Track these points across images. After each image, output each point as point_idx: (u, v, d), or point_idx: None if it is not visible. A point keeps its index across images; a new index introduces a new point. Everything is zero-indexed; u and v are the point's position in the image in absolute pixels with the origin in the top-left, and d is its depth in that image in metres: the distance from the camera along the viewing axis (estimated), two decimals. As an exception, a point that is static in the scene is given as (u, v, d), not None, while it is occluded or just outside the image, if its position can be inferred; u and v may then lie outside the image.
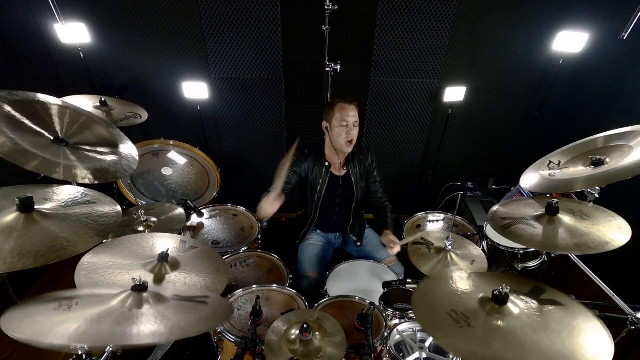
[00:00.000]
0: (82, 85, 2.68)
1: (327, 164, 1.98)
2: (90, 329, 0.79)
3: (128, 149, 1.53)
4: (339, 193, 2.06)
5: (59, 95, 1.81)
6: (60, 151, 1.32)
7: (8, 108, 1.29)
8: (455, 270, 1.40)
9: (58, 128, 1.42)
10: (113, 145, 1.51)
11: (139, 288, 0.95)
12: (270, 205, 1.77)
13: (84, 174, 1.26)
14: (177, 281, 1.24)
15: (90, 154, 1.40)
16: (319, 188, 2.01)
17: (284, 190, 1.86)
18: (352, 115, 1.83)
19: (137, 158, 1.52)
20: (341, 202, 2.10)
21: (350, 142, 1.87)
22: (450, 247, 1.62)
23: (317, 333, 1.27)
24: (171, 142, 2.46)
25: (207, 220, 2.18)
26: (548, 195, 1.75)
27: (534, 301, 1.08)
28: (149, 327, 0.84)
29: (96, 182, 1.27)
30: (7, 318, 0.81)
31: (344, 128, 1.84)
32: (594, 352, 0.89)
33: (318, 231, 2.21)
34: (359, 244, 2.16)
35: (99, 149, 1.45)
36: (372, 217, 2.20)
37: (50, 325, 0.79)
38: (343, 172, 2.04)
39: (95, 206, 1.21)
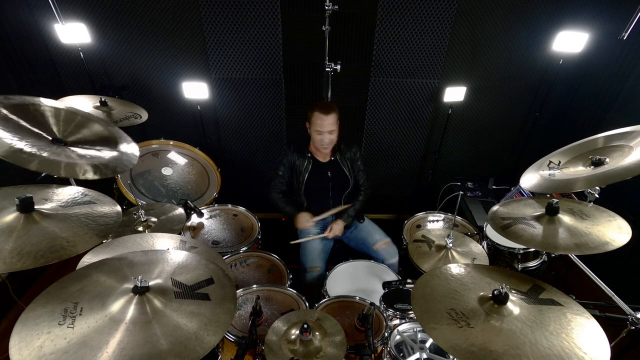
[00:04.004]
0: (82, 85, 2.68)
1: (309, 154, 2.10)
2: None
3: (127, 144, 1.54)
4: (330, 177, 2.13)
5: (59, 95, 1.82)
6: (60, 150, 1.33)
7: (4, 111, 1.30)
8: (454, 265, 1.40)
9: (55, 128, 1.42)
10: (112, 142, 1.51)
11: (140, 290, 0.95)
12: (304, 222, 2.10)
13: (84, 170, 1.26)
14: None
15: (90, 151, 1.41)
16: (301, 177, 2.11)
17: (281, 187, 2.16)
18: (326, 124, 1.94)
19: (137, 153, 1.52)
20: (334, 187, 2.16)
21: (326, 146, 2.01)
22: (451, 245, 1.62)
23: (317, 333, 1.27)
24: (171, 142, 2.46)
25: (207, 220, 2.18)
26: (548, 195, 1.75)
27: (532, 300, 1.08)
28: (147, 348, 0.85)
29: (97, 177, 1.28)
30: (16, 334, 0.83)
31: (319, 136, 1.98)
32: (592, 354, 0.90)
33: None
34: (362, 220, 2.25)
35: (98, 147, 1.45)
36: (377, 216, 2.21)
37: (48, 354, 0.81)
38: (330, 158, 2.12)
39: (95, 206, 1.21)
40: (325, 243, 2.17)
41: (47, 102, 1.47)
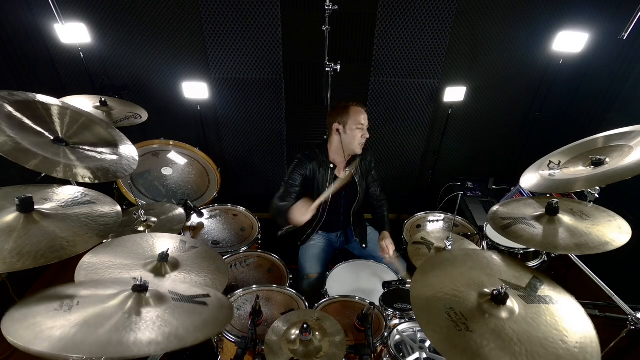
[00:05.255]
0: (82, 85, 2.68)
1: (332, 165, 2.00)
2: (87, 336, 0.78)
3: (128, 149, 1.54)
4: (344, 194, 2.06)
5: (59, 95, 1.82)
6: (60, 151, 1.32)
7: (9, 108, 1.29)
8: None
9: (58, 128, 1.42)
10: (113, 146, 1.51)
11: (140, 288, 0.95)
12: (303, 212, 1.74)
13: (83, 173, 1.26)
14: (177, 280, 1.24)
15: (90, 153, 1.41)
16: (322, 189, 1.99)
17: (290, 196, 1.95)
18: (365, 118, 1.93)
19: (137, 158, 1.52)
20: (345, 203, 2.11)
21: (363, 144, 1.95)
22: (450, 247, 1.62)
23: (317, 333, 1.27)
24: (171, 142, 2.46)
25: (207, 220, 2.18)
26: (548, 195, 1.75)
27: (531, 299, 1.08)
28: (146, 334, 0.83)
29: (96, 182, 1.27)
30: (9, 319, 0.81)
31: (359, 130, 1.91)
32: (591, 353, 0.90)
33: (320, 232, 2.21)
34: (364, 245, 2.15)
35: (99, 149, 1.45)
36: (370, 217, 2.20)
37: (47, 329, 0.78)
38: (346, 173, 2.04)
39: (95, 206, 1.21)
40: (326, 249, 2.16)
41: (54, 101, 1.47)
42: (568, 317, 1.01)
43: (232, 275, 1.83)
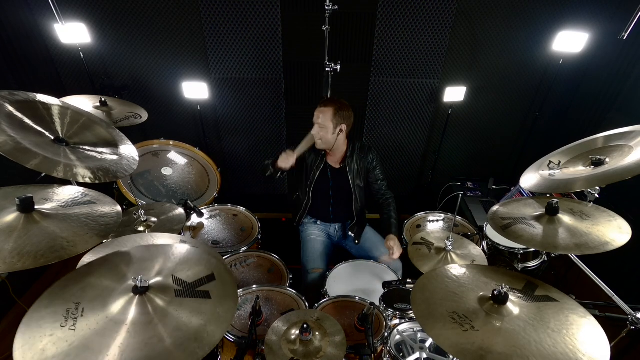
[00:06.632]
0: (82, 85, 2.68)
1: (323, 152, 2.07)
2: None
3: (128, 149, 1.54)
4: (331, 184, 2.11)
5: (59, 95, 1.82)
6: (61, 150, 1.33)
7: (10, 108, 1.30)
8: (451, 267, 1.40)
9: (59, 128, 1.42)
10: (113, 146, 1.51)
11: (140, 290, 0.95)
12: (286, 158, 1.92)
13: (84, 173, 1.26)
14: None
15: (91, 153, 1.41)
16: (312, 173, 2.08)
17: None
18: (316, 114, 1.95)
19: (137, 158, 1.52)
20: (335, 194, 2.13)
21: (317, 139, 1.96)
22: (450, 247, 1.62)
23: (317, 333, 1.26)
24: (171, 142, 2.46)
25: (207, 220, 2.18)
26: (548, 195, 1.75)
27: (530, 298, 1.08)
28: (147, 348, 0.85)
29: (96, 182, 1.27)
30: (20, 337, 0.83)
31: (314, 127, 1.96)
32: (594, 349, 0.90)
33: (318, 222, 2.22)
34: (357, 241, 2.17)
35: (99, 149, 1.45)
36: (377, 216, 2.19)
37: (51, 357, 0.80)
38: (339, 165, 2.08)
39: (95, 206, 1.21)
40: (326, 244, 2.17)
41: (55, 101, 1.47)
42: (570, 313, 1.01)
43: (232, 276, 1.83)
